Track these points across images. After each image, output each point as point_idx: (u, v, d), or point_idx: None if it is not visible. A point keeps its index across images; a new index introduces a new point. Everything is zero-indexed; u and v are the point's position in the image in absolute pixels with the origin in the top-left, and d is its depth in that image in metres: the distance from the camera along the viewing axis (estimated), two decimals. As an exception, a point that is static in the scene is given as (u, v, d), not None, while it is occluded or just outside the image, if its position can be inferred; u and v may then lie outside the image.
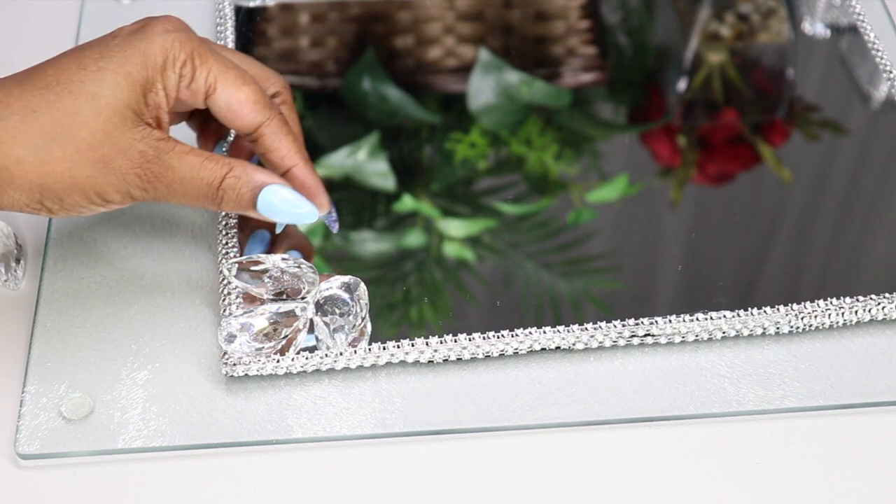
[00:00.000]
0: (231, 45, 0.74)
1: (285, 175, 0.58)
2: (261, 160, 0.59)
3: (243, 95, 0.56)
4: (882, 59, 0.76)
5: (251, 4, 0.79)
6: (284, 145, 0.57)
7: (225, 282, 0.60)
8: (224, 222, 0.63)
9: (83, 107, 0.53)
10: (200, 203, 0.56)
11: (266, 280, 0.59)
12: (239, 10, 0.78)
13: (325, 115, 0.74)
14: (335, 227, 0.62)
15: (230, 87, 0.56)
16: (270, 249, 0.62)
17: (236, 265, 0.59)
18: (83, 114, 0.53)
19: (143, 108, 0.54)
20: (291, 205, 0.56)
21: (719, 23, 0.80)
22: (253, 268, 0.59)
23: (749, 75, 0.78)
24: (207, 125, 0.62)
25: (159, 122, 0.55)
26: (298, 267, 0.59)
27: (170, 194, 0.55)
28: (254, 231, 0.63)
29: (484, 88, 0.75)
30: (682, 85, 0.78)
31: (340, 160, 0.70)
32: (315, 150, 0.70)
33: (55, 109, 0.52)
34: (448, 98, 0.75)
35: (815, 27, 0.80)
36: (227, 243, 0.62)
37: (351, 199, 0.68)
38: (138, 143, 0.54)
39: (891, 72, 0.75)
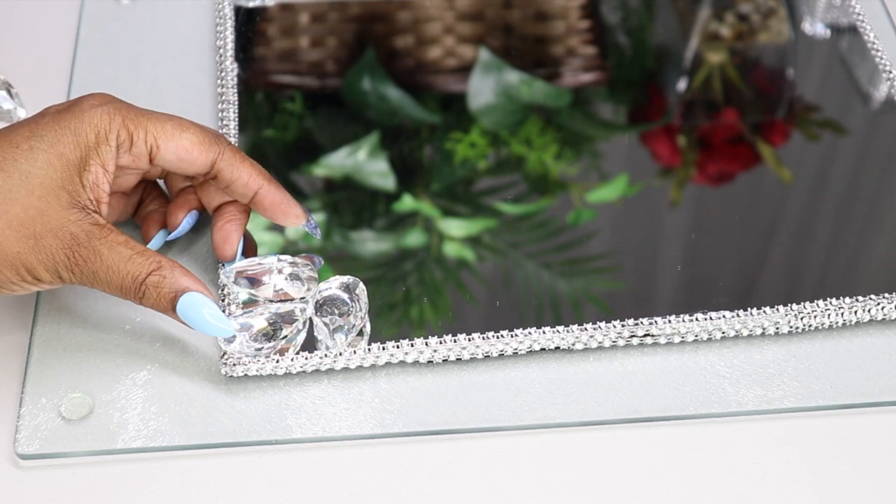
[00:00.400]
0: (231, 45, 0.74)
1: (253, 199, 0.58)
2: (226, 193, 0.59)
3: (187, 141, 0.56)
4: (882, 59, 0.75)
5: (251, 4, 0.79)
6: (244, 172, 0.58)
7: (225, 289, 0.60)
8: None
9: (15, 184, 0.53)
10: (123, 295, 0.55)
11: (265, 282, 0.59)
12: (239, 10, 0.78)
13: (325, 115, 0.74)
14: (317, 234, 0.62)
15: (172, 139, 0.56)
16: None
17: (234, 272, 0.59)
18: (15, 191, 0.53)
19: (78, 188, 0.54)
20: (212, 317, 0.55)
21: (719, 23, 0.80)
22: (251, 271, 0.59)
23: (749, 75, 0.78)
24: (177, 197, 0.62)
25: (98, 201, 0.55)
26: (297, 267, 0.59)
27: (95, 281, 0.54)
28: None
29: (484, 88, 0.75)
30: (682, 85, 0.78)
31: (340, 160, 0.70)
32: (315, 150, 0.71)
33: None
34: (448, 98, 0.75)
35: (815, 27, 0.80)
36: (226, 243, 0.62)
37: (351, 199, 0.68)
38: (71, 224, 0.53)
39: (891, 72, 0.75)
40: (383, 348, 0.58)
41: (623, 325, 0.59)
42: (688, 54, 0.79)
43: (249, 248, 0.62)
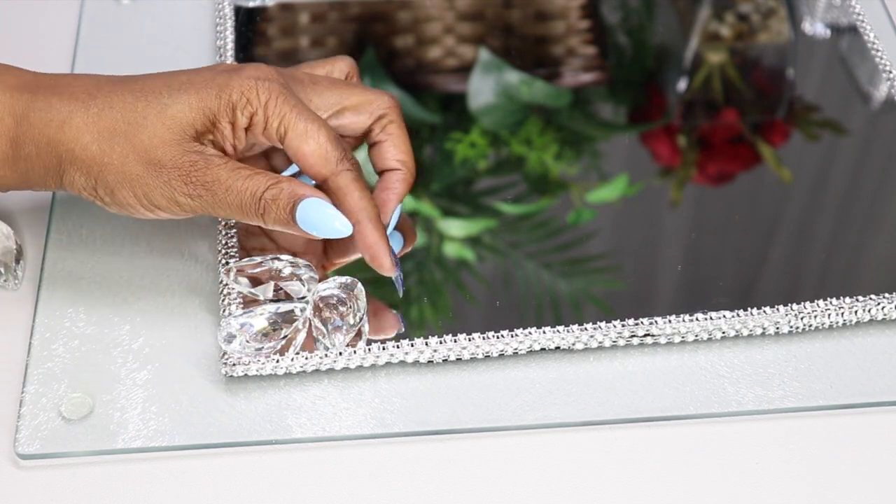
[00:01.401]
0: (231, 45, 0.74)
1: (353, 229, 0.58)
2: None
3: (308, 149, 0.57)
4: (882, 59, 0.76)
5: (251, 4, 0.79)
6: (350, 201, 0.58)
7: (225, 285, 0.60)
8: (224, 222, 0.63)
9: (151, 113, 0.56)
10: (245, 214, 0.57)
11: (266, 282, 0.59)
12: (239, 10, 0.78)
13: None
14: (400, 291, 0.61)
15: (298, 139, 0.57)
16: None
17: (235, 270, 0.59)
18: (150, 119, 0.56)
19: (207, 131, 0.57)
20: (328, 217, 0.57)
21: (719, 23, 0.80)
22: (251, 271, 0.59)
23: (749, 75, 0.78)
24: None
25: (223, 149, 0.57)
26: (297, 266, 0.59)
27: (215, 204, 0.56)
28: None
29: (484, 88, 0.75)
30: (682, 85, 0.78)
31: (340, 160, 0.70)
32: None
33: (128, 110, 0.56)
34: (448, 98, 0.75)
35: (815, 27, 0.80)
36: (226, 243, 0.62)
37: (351, 199, 0.68)
38: (191, 153, 0.56)
39: (891, 72, 0.75)
40: (383, 348, 0.58)
41: (623, 325, 0.59)
42: (688, 54, 0.79)
43: (407, 232, 0.64)
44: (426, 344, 0.58)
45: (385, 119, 0.62)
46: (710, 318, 0.60)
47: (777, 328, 0.60)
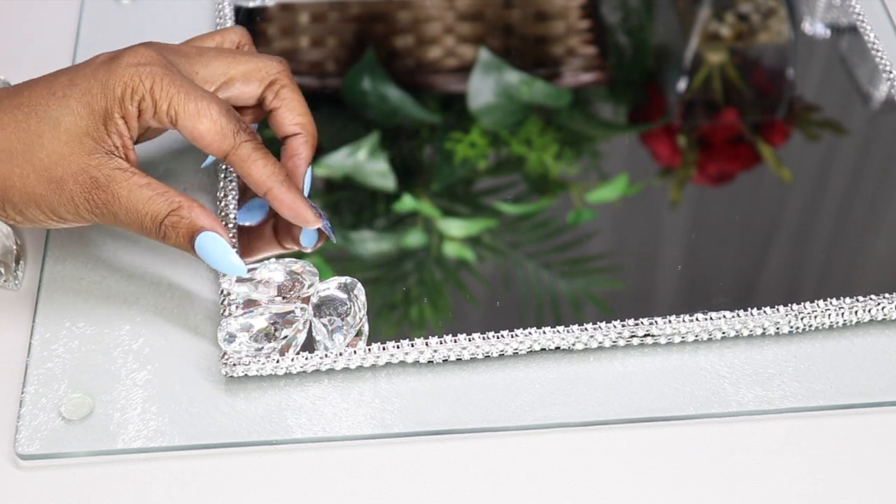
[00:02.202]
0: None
1: (266, 197, 0.59)
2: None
3: (203, 128, 0.57)
4: (882, 59, 0.75)
5: (251, 4, 0.79)
6: (255, 171, 0.58)
7: (226, 293, 0.60)
8: (224, 222, 0.63)
9: (45, 130, 0.55)
10: (145, 235, 0.57)
11: (266, 284, 0.59)
12: (239, 10, 0.78)
13: (325, 115, 0.74)
14: (333, 237, 0.62)
15: (190, 120, 0.57)
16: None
17: (234, 278, 0.59)
18: (44, 136, 0.55)
19: (103, 135, 0.56)
20: (223, 253, 0.57)
21: (719, 23, 0.80)
22: (250, 275, 0.59)
23: (749, 75, 0.78)
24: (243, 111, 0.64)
25: (124, 147, 0.56)
26: (297, 266, 0.59)
27: (117, 222, 0.57)
28: (247, 201, 0.63)
29: (484, 88, 0.75)
30: (682, 85, 0.78)
31: (340, 160, 0.70)
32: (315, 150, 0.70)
33: (21, 129, 0.56)
34: (448, 98, 0.75)
35: (815, 27, 0.80)
36: (226, 243, 0.62)
37: (351, 199, 0.68)
38: (92, 169, 0.55)
39: (891, 72, 0.75)
40: (383, 348, 0.58)
41: (623, 325, 0.59)
42: (688, 54, 0.79)
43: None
44: (426, 344, 0.58)
45: (277, 84, 0.61)
46: (710, 319, 0.60)
47: (777, 328, 0.60)
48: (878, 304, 0.61)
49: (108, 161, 0.56)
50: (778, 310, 0.60)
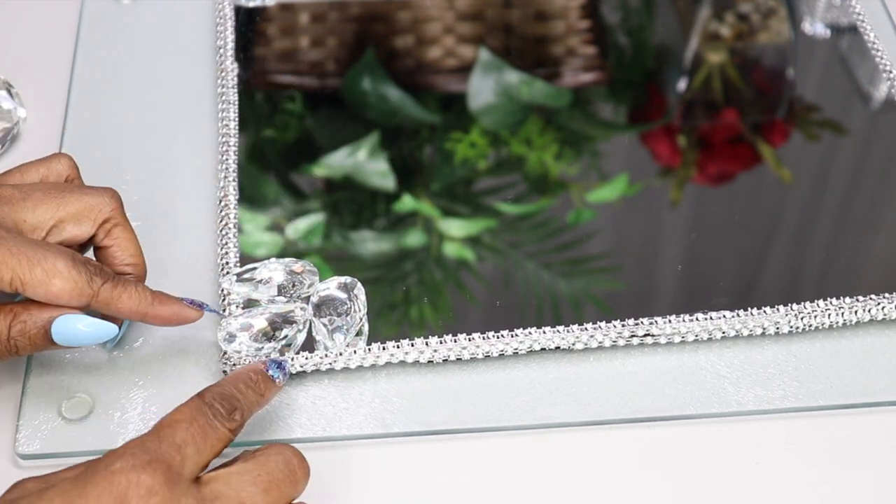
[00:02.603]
0: (231, 45, 0.74)
1: (143, 321, 0.56)
2: None
3: (55, 290, 0.53)
4: (882, 59, 0.75)
5: (251, 4, 0.79)
6: (123, 307, 0.54)
7: (226, 293, 0.60)
8: (224, 222, 0.63)
9: None
10: (4, 358, 0.54)
11: (267, 284, 0.59)
12: (239, 10, 0.78)
13: (325, 115, 0.74)
14: (220, 314, 0.59)
15: (39, 287, 0.53)
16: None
17: (235, 276, 0.59)
18: None
19: None
20: (90, 325, 0.54)
21: (719, 23, 0.80)
22: (250, 275, 0.59)
23: (749, 75, 0.78)
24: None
25: None
26: (297, 266, 0.59)
27: None
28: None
29: (484, 88, 0.75)
30: (682, 85, 0.78)
31: (340, 160, 0.70)
32: (315, 150, 0.71)
33: None
34: (448, 98, 0.75)
35: (815, 27, 0.80)
36: (226, 244, 0.62)
37: (351, 199, 0.68)
38: None
39: (891, 72, 0.75)
40: (383, 348, 0.58)
41: (623, 325, 0.59)
42: (688, 54, 0.79)
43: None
44: (426, 344, 0.58)
45: (109, 223, 0.57)
46: (710, 318, 0.60)
47: (777, 328, 0.60)
48: (878, 303, 0.61)
49: None
50: (778, 310, 0.60)
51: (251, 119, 0.71)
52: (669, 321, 0.59)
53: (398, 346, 0.58)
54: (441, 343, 0.58)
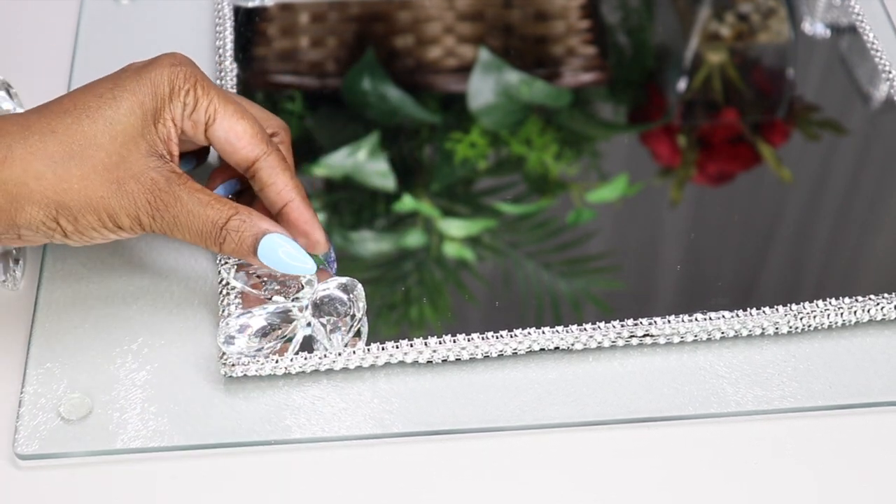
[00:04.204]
0: (230, 45, 0.74)
1: (281, 211, 0.58)
2: (258, 196, 0.59)
3: (241, 128, 0.57)
4: (882, 59, 0.75)
5: (251, 4, 0.79)
6: (281, 180, 0.58)
7: (224, 283, 0.60)
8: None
9: (100, 130, 0.54)
10: (203, 241, 0.56)
11: (265, 279, 0.59)
12: (238, 10, 0.78)
13: (325, 115, 0.74)
14: (333, 268, 0.61)
15: (229, 119, 0.57)
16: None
17: (234, 267, 0.59)
18: (100, 137, 0.54)
19: (154, 139, 0.55)
20: (291, 257, 0.56)
21: (719, 23, 0.80)
22: (251, 269, 0.59)
23: (749, 75, 0.78)
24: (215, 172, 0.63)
25: (171, 153, 0.56)
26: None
27: (175, 226, 0.55)
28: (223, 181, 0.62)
29: (484, 88, 0.75)
30: (682, 85, 0.78)
31: (340, 160, 0.70)
32: (315, 150, 0.71)
33: (73, 131, 0.54)
34: (448, 98, 0.75)
35: (815, 27, 0.80)
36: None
37: (351, 199, 0.68)
38: (151, 170, 0.55)
39: (890, 72, 0.75)
40: (383, 348, 0.58)
41: (623, 325, 0.59)
42: (688, 54, 0.79)
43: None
44: (426, 344, 0.58)
45: (276, 138, 0.61)
46: (710, 319, 0.60)
47: (776, 328, 0.60)
48: (878, 304, 0.61)
49: (164, 164, 0.55)
50: (777, 310, 0.60)
51: (251, 119, 0.71)
52: (669, 321, 0.59)
53: (397, 347, 0.58)
54: (440, 343, 0.58)
